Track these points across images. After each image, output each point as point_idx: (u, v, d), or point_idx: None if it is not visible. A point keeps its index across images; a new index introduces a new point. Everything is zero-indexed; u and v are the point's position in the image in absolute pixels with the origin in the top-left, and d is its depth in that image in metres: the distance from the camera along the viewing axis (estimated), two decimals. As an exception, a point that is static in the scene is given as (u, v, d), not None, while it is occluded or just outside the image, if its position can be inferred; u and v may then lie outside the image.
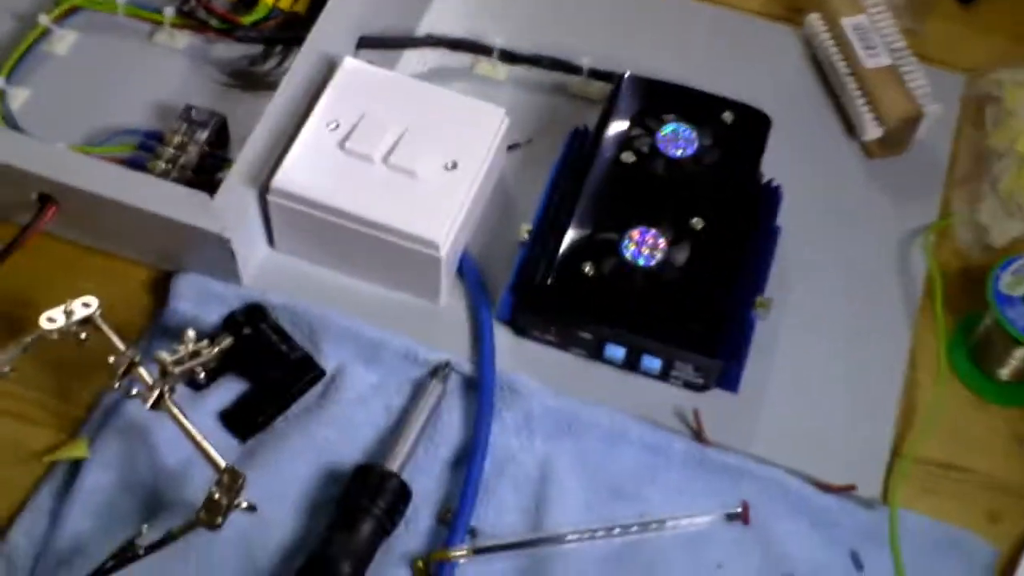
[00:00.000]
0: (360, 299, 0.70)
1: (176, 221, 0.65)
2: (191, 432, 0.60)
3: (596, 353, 0.67)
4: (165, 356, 0.62)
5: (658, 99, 0.72)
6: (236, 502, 0.59)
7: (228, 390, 0.66)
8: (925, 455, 0.67)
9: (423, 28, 0.82)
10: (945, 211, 0.75)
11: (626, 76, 0.73)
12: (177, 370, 0.62)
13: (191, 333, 0.64)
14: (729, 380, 0.67)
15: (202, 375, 0.64)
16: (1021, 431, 0.68)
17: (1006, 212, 0.73)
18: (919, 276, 0.72)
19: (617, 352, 0.67)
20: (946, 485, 0.66)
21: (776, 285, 0.71)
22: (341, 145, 0.68)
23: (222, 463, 0.59)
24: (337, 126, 0.69)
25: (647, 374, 0.67)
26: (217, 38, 0.78)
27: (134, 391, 0.62)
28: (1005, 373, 0.69)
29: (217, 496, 0.58)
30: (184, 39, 0.79)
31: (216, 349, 0.64)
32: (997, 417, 0.69)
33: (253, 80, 0.78)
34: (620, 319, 0.65)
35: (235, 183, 0.67)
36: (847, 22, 0.77)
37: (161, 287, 0.70)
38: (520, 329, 0.69)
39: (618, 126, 0.71)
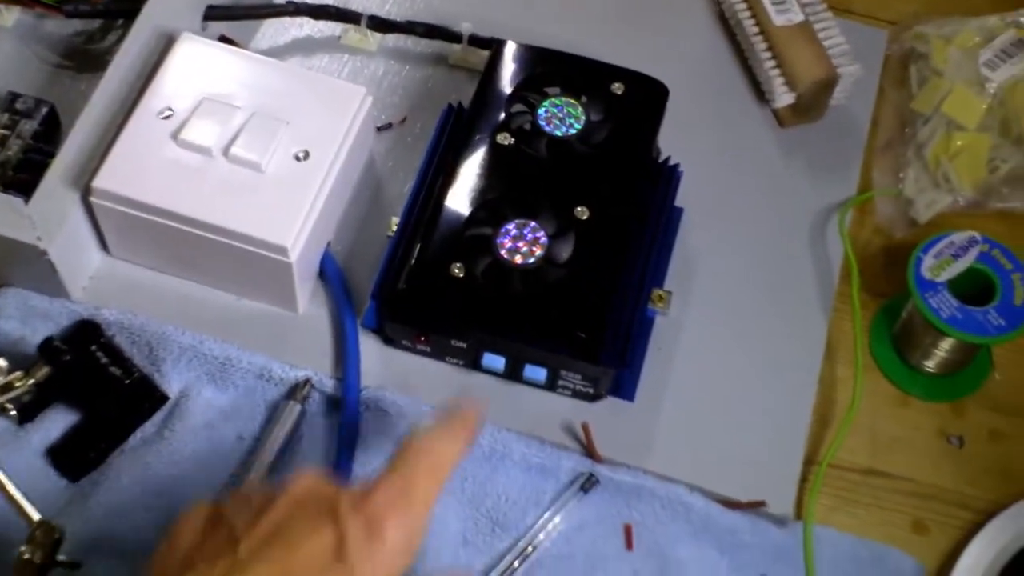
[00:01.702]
0: (209, 310, 0.62)
1: (-17, 231, 0.57)
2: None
3: (474, 363, 0.60)
4: (-32, 391, 0.54)
5: (540, 69, 0.64)
6: (56, 559, 0.51)
7: (57, 422, 0.58)
8: (843, 461, 0.60)
9: (284, -6, 0.73)
10: (865, 184, 0.68)
11: (504, 44, 0.64)
12: (-16, 407, 0.55)
13: (1, 363, 0.56)
14: (623, 388, 0.60)
15: (13, 412, 0.56)
16: (948, 427, 0.62)
17: (932, 182, 0.66)
18: (837, 258, 0.65)
19: (496, 362, 0.59)
20: (866, 494, 0.60)
21: (677, 275, 0.63)
22: (175, 136, 0.59)
23: (35, 516, 0.52)
24: (171, 114, 0.60)
25: (532, 384, 0.60)
26: (47, 13, 0.69)
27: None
28: (931, 365, 0.62)
29: (28, 556, 0.51)
30: (12, 16, 0.70)
31: (30, 382, 0.56)
32: (921, 413, 0.62)
33: (90, 61, 0.69)
34: (493, 325, 0.57)
35: (54, 184, 0.59)
36: (754, -26, 0.69)
37: (-19, 304, 0.62)
38: (389, 339, 0.61)
39: (495, 102, 0.62)
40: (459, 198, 0.59)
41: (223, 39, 0.68)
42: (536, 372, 0.59)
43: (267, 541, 0.42)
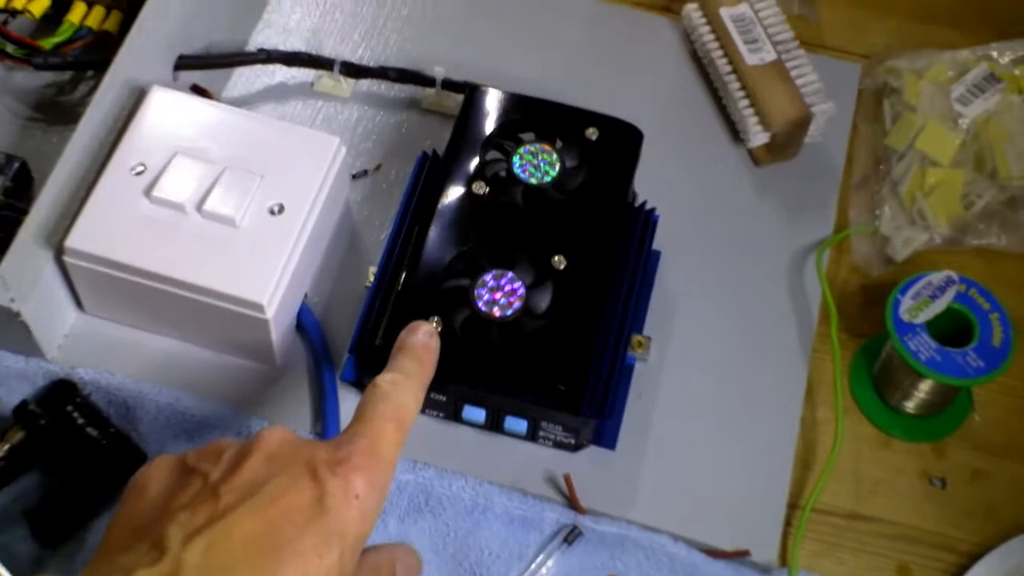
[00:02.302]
0: (185, 366, 0.61)
1: (-46, 293, 0.56)
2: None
3: (454, 415, 0.59)
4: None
5: (514, 116, 0.63)
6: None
7: (34, 485, 0.58)
8: (826, 505, 0.60)
9: (256, 41, 0.72)
10: (842, 221, 0.68)
11: (477, 91, 0.64)
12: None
13: (-25, 429, 0.55)
14: (604, 437, 0.60)
15: (-12, 479, 0.55)
16: (930, 468, 0.61)
17: (908, 219, 0.66)
18: (815, 298, 0.65)
19: (477, 414, 0.59)
20: (851, 538, 0.59)
21: (656, 319, 0.63)
22: (148, 193, 0.59)
23: (12, 585, 0.51)
24: (144, 169, 0.60)
25: (513, 435, 0.60)
26: (16, 65, 0.68)
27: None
28: (910, 406, 0.62)
29: (5, 627, 0.50)
30: (-21, 68, 0.70)
31: (6, 447, 0.55)
32: (904, 455, 0.62)
33: (61, 113, 0.69)
34: (473, 379, 0.57)
35: (26, 243, 0.58)
36: (725, 13, 0.69)
37: (-46, 365, 0.61)
38: (368, 391, 0.60)
39: (469, 150, 0.62)
40: (435, 249, 0.59)
41: (195, 88, 0.68)
42: (517, 424, 0.59)
43: (248, 492, 0.42)
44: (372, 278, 0.61)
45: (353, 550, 0.43)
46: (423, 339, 0.51)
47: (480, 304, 0.57)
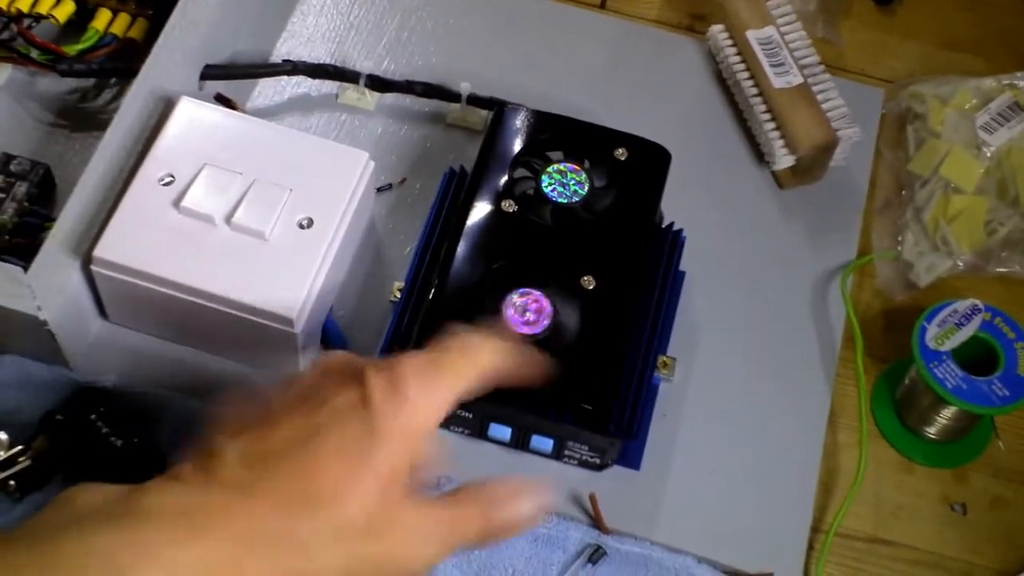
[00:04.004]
0: (210, 376, 0.61)
1: (-19, 300, 0.56)
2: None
3: (480, 432, 0.59)
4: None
5: (542, 135, 0.63)
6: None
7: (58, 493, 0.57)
8: (848, 529, 0.60)
9: (281, 51, 0.72)
10: (865, 245, 0.68)
11: (506, 108, 0.64)
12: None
13: (3, 437, 0.55)
14: (629, 457, 0.60)
15: (13, 485, 0.55)
16: (951, 494, 0.62)
17: (931, 245, 0.66)
18: (839, 322, 0.65)
19: (503, 432, 0.59)
20: (872, 563, 0.60)
21: (681, 340, 0.63)
22: (176, 204, 0.59)
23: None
24: (172, 180, 0.60)
25: (538, 453, 0.60)
26: (41, 71, 0.68)
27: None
28: (933, 432, 0.62)
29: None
30: (3, 74, 0.69)
31: (31, 457, 0.55)
32: (925, 480, 0.62)
33: (85, 120, 0.68)
34: (500, 397, 0.56)
35: (53, 252, 0.58)
36: (752, 35, 0.69)
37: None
38: (393, 406, 0.60)
39: (497, 168, 0.62)
40: (463, 268, 0.59)
41: (220, 98, 0.68)
42: (543, 442, 0.59)
43: (295, 404, 0.43)
44: (398, 293, 0.61)
45: (403, 451, 0.42)
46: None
47: (508, 323, 0.57)
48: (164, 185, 0.59)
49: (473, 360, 0.46)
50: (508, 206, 0.61)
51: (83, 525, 0.39)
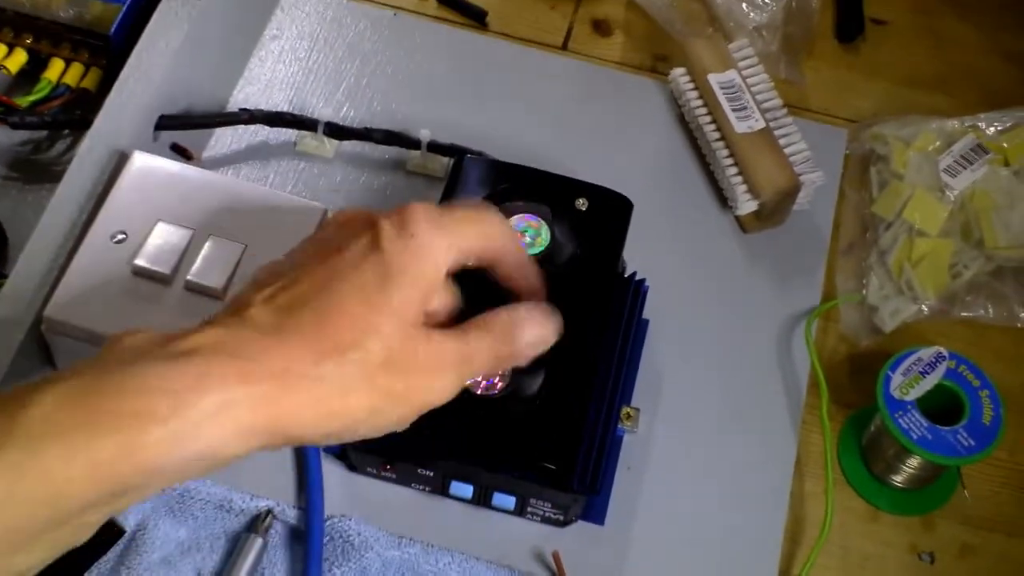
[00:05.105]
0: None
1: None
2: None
3: (442, 490, 0.59)
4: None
5: (503, 185, 0.62)
6: None
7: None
8: (816, 581, 0.60)
9: (238, 98, 0.71)
10: (830, 289, 0.68)
11: (465, 159, 0.63)
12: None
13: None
14: (593, 512, 0.59)
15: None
16: (919, 543, 0.61)
17: (895, 289, 0.66)
18: (804, 369, 0.65)
19: (464, 489, 0.58)
20: (840, 615, 0.59)
21: (645, 390, 0.63)
22: (129, 262, 0.58)
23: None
24: (125, 237, 0.59)
25: (501, 510, 0.59)
26: (-9, 123, 0.67)
27: None
28: (899, 480, 0.62)
29: None
30: (-46, 125, 0.68)
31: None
32: (891, 528, 0.61)
33: (38, 172, 0.67)
34: (460, 455, 0.56)
35: (3, 313, 0.57)
36: (714, 79, 0.69)
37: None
38: (353, 464, 0.59)
39: (457, 219, 0.61)
40: (423, 322, 0.58)
41: (175, 148, 0.67)
42: (505, 500, 0.58)
43: (315, 254, 0.45)
44: (357, 347, 0.60)
45: (416, 290, 0.44)
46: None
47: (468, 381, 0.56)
48: (116, 243, 0.58)
49: (479, 223, 0.48)
50: (467, 259, 0.60)
51: (136, 362, 0.41)
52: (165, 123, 0.66)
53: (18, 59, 0.68)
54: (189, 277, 0.57)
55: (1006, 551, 0.61)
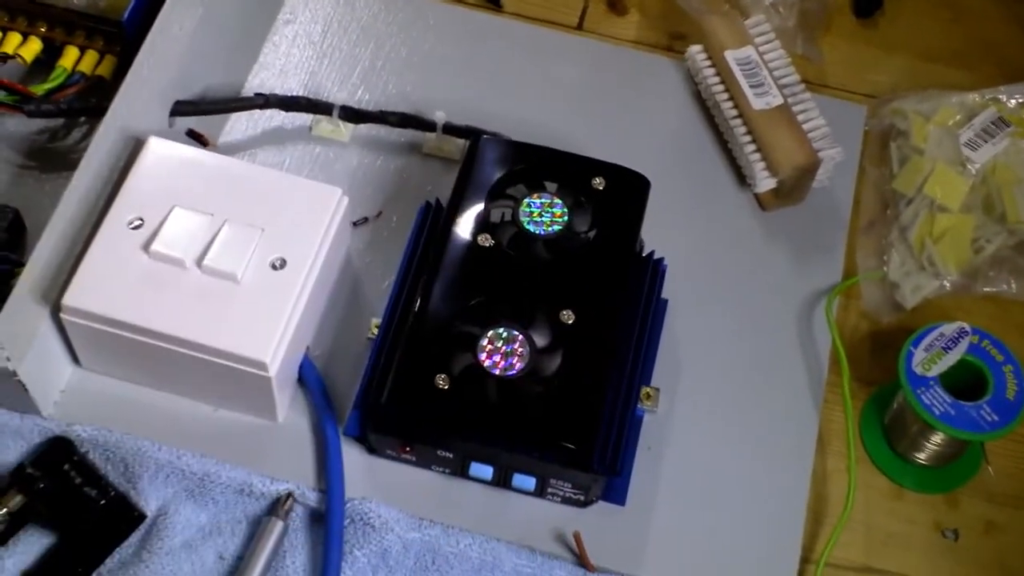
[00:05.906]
0: (185, 422, 0.60)
1: (-53, 352, 0.55)
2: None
3: (461, 471, 0.58)
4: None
5: (520, 165, 0.62)
6: None
7: (32, 544, 0.56)
8: (838, 559, 0.59)
9: (253, 83, 0.71)
10: (850, 266, 0.67)
11: (481, 139, 0.63)
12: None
13: (-28, 491, 0.54)
14: (614, 492, 0.59)
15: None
16: (943, 520, 0.61)
17: (917, 265, 0.65)
18: (825, 347, 0.64)
19: (484, 471, 0.58)
20: (864, 593, 0.59)
21: (664, 370, 0.62)
22: (146, 248, 0.58)
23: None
24: (141, 223, 0.59)
25: (521, 491, 0.59)
26: (8, 112, 0.67)
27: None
28: (922, 457, 0.61)
29: None
30: (-30, 115, 0.68)
31: (3, 511, 0.54)
32: (915, 506, 0.61)
33: (54, 160, 0.67)
34: (480, 437, 0.56)
35: (22, 300, 0.57)
36: (731, 56, 0.68)
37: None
38: (373, 448, 0.59)
39: (474, 200, 0.61)
40: (440, 305, 0.58)
41: (191, 134, 0.67)
42: (525, 480, 0.58)
43: None
44: (375, 330, 0.60)
45: None
46: None
47: (487, 362, 0.56)
48: (133, 229, 0.58)
49: None
50: (484, 240, 0.60)
51: None
52: (180, 108, 0.66)
53: (32, 48, 0.68)
54: (206, 262, 0.57)
55: (1031, 527, 0.61)
